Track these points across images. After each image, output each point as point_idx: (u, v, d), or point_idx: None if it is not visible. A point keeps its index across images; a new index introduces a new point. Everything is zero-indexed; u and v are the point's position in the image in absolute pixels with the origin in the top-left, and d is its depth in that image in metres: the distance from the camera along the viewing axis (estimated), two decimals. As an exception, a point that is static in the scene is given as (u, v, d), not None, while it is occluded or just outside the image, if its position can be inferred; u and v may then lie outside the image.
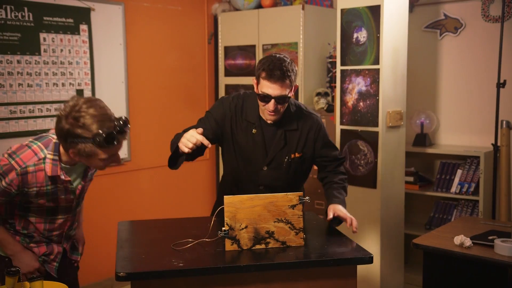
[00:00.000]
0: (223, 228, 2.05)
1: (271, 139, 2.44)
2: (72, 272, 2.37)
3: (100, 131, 1.90)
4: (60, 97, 3.71)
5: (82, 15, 3.77)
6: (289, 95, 2.34)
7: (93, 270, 3.93)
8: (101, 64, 3.92)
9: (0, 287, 1.93)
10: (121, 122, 1.96)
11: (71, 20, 3.70)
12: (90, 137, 1.91)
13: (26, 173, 1.99)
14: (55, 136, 2.04)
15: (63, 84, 3.72)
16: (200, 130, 2.15)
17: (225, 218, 2.06)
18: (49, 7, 3.59)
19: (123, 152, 4.07)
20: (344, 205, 2.41)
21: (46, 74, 3.63)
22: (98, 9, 3.86)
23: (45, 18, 3.57)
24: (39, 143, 2.05)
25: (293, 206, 2.10)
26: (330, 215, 2.34)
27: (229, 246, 2.07)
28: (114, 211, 4.10)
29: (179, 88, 4.57)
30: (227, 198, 2.06)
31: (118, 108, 4.05)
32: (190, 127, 2.47)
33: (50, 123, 3.68)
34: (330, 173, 2.56)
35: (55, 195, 2.09)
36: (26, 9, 3.47)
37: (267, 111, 2.35)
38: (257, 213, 2.07)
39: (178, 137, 2.32)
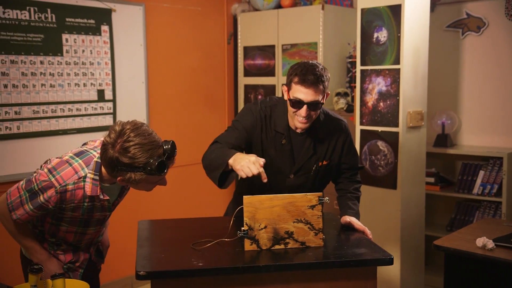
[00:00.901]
0: (242, 228, 2.04)
1: (299, 148, 2.40)
2: (94, 275, 2.38)
3: (151, 160, 1.88)
4: (81, 97, 3.76)
5: (103, 16, 3.80)
6: (322, 102, 2.26)
7: (113, 268, 3.95)
8: (122, 65, 3.95)
9: (23, 284, 1.96)
10: (169, 146, 1.94)
11: (92, 21, 3.74)
12: (141, 166, 1.88)
13: (65, 191, 1.97)
14: (96, 154, 2.03)
15: (84, 85, 3.76)
16: (263, 161, 2.09)
17: (244, 218, 2.04)
18: (72, 9, 3.63)
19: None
20: (358, 217, 2.38)
21: (68, 74, 3.67)
22: (119, 10, 3.89)
23: (67, 19, 3.62)
24: (80, 161, 2.01)
25: (312, 207, 2.08)
26: (347, 220, 2.34)
27: (248, 246, 2.06)
28: (134, 210, 4.11)
29: (198, 88, 4.58)
30: (246, 198, 2.04)
31: (138, 109, 4.09)
32: (220, 137, 2.40)
33: (72, 123, 3.72)
34: (345, 179, 2.54)
35: (90, 212, 2.09)
36: (49, 10, 3.52)
37: (298, 118, 2.28)
38: (276, 213, 2.06)
39: (217, 152, 2.26)
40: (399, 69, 3.43)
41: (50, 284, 1.92)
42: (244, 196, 2.05)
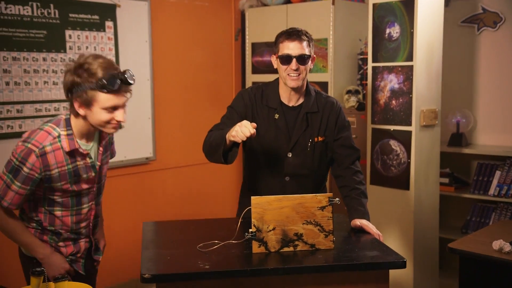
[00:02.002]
0: (250, 230, 2.04)
1: (293, 123, 2.48)
2: (92, 275, 2.38)
3: (104, 75, 1.96)
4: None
5: (108, 12, 3.79)
6: (308, 55, 2.41)
7: (118, 271, 3.95)
8: (127, 62, 3.93)
9: (26, 287, 1.96)
10: (126, 73, 2.01)
11: (96, 17, 3.73)
12: (94, 81, 1.96)
13: (44, 153, 2.01)
14: (63, 115, 2.13)
15: (88, 82, 3.72)
16: (254, 125, 2.18)
17: (252, 220, 2.04)
18: (75, 4, 3.63)
19: (147, 151, 4.07)
20: (367, 217, 2.38)
21: (72, 71, 3.64)
22: (124, 5, 3.88)
23: (70, 15, 3.61)
24: (50, 124, 2.09)
25: (322, 208, 2.07)
26: (357, 223, 2.34)
27: (256, 248, 2.05)
28: (138, 211, 4.11)
29: (205, 86, 4.58)
30: (254, 199, 2.04)
31: (143, 107, 4.07)
32: (216, 125, 2.53)
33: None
34: (345, 171, 2.51)
35: (77, 176, 2.11)
36: (52, 6, 3.51)
37: (290, 76, 2.40)
38: (285, 215, 2.06)
39: (215, 136, 2.37)
40: (412, 66, 3.41)
41: (52, 287, 1.92)
42: (252, 197, 2.05)
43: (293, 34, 2.41)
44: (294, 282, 1.96)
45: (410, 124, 3.44)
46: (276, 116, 2.47)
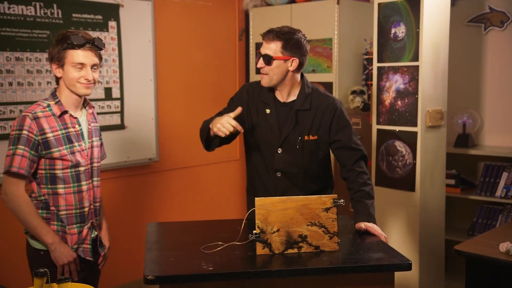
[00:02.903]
0: (254, 231, 2.03)
1: (284, 119, 2.48)
2: (94, 277, 2.42)
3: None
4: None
5: (111, 12, 3.77)
6: (271, 55, 2.36)
7: (121, 272, 3.93)
8: (130, 62, 3.91)
9: (30, 288, 2.01)
10: (96, 38, 2.27)
11: (100, 17, 3.71)
12: (67, 42, 2.22)
13: (37, 117, 2.22)
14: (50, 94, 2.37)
15: (92, 83, 3.71)
16: (239, 109, 2.28)
17: (256, 221, 2.03)
18: (78, 4, 3.61)
19: (151, 152, 4.05)
20: (372, 219, 2.34)
21: (75, 72, 3.63)
22: (127, 5, 3.86)
23: (74, 15, 3.59)
24: (40, 100, 2.33)
25: (327, 209, 2.05)
26: (362, 226, 2.32)
27: (260, 250, 2.04)
28: (142, 212, 4.09)
29: (208, 86, 4.56)
30: (258, 200, 2.03)
31: (146, 107, 4.05)
32: (216, 114, 2.54)
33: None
34: (349, 173, 2.47)
35: (70, 142, 2.27)
36: (55, 6, 3.49)
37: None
38: (289, 216, 2.04)
39: (207, 123, 2.46)
40: (418, 66, 3.38)
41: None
42: (256, 198, 2.04)
43: (267, 32, 2.40)
44: (298, 284, 1.95)
45: (415, 125, 3.42)
46: (267, 111, 2.48)
